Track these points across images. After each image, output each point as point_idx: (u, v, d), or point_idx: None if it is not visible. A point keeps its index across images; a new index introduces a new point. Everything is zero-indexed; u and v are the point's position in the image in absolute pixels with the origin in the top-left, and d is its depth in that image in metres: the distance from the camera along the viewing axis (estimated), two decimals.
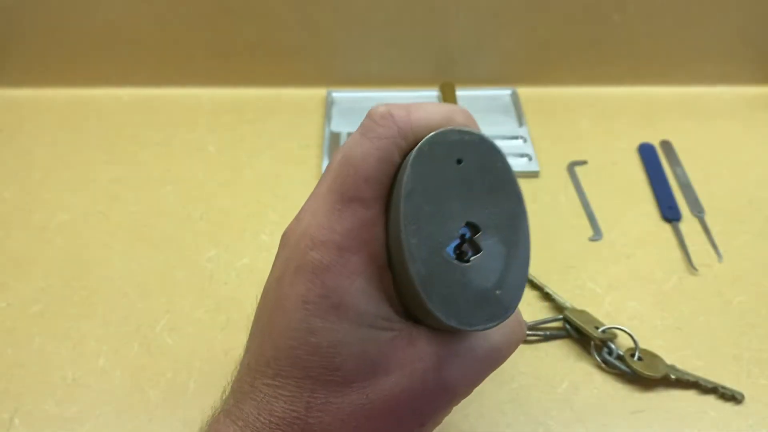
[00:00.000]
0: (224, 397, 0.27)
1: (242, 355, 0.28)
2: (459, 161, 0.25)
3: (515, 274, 0.25)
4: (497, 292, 0.25)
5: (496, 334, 0.27)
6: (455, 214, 0.25)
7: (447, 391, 0.26)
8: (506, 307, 0.25)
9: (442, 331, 0.26)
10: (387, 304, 0.26)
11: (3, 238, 0.53)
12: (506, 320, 0.26)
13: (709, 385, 0.42)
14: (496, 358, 0.27)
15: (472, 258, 0.25)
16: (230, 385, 0.27)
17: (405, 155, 0.26)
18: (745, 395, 0.42)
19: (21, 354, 0.45)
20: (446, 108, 0.26)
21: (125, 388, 0.43)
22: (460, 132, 0.25)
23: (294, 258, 0.25)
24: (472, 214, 0.25)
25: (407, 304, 0.26)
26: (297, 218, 0.27)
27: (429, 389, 0.25)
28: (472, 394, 0.30)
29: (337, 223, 0.25)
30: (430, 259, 0.24)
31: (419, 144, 0.25)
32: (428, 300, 0.24)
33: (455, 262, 0.24)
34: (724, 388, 0.42)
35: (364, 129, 0.25)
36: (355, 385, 0.25)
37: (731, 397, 0.42)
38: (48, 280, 0.50)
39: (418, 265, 0.24)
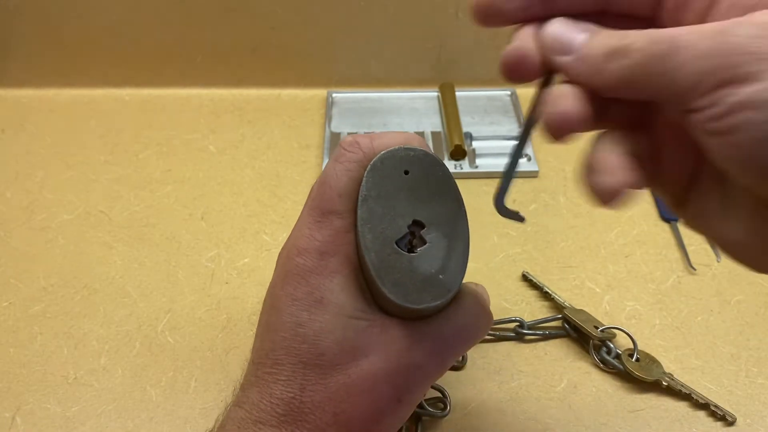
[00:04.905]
0: (235, 392, 0.31)
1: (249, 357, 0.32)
2: (406, 172, 0.30)
3: (455, 262, 0.29)
4: (440, 276, 0.29)
5: (461, 317, 0.31)
6: (403, 214, 0.29)
7: (419, 367, 0.30)
8: (448, 288, 0.29)
9: (411, 319, 0.30)
10: (362, 298, 0.30)
11: (5, 237, 0.53)
12: (471, 306, 0.31)
13: (702, 401, 0.41)
14: (463, 338, 0.31)
15: (418, 249, 0.29)
16: (239, 382, 0.31)
17: None
18: (742, 395, 0.42)
19: (23, 353, 0.45)
20: (404, 135, 0.31)
21: (126, 387, 0.43)
22: (406, 149, 0.30)
23: (284, 266, 0.30)
24: (418, 214, 0.29)
25: (374, 295, 0.30)
26: (288, 238, 0.31)
27: (403, 367, 0.29)
28: (472, 392, 0.30)
29: (317, 233, 0.29)
30: (382, 251, 0.29)
31: (373, 160, 0.29)
32: (382, 284, 0.28)
33: (404, 252, 0.29)
34: (716, 407, 0.41)
35: (336, 156, 0.30)
36: (339, 367, 0.28)
37: (722, 417, 0.41)
38: (49, 279, 0.50)
39: (372, 255, 0.28)
